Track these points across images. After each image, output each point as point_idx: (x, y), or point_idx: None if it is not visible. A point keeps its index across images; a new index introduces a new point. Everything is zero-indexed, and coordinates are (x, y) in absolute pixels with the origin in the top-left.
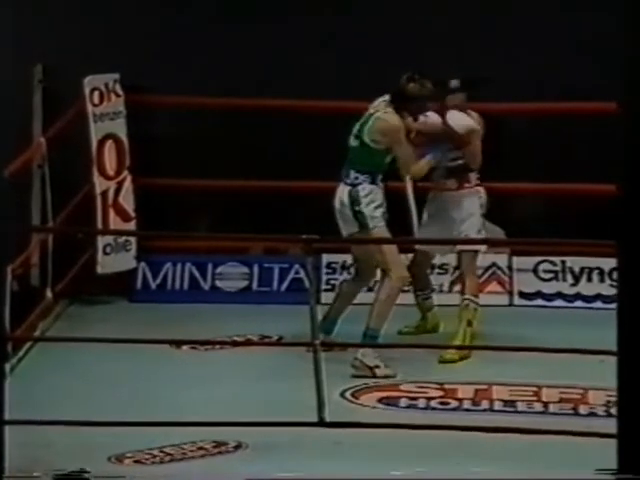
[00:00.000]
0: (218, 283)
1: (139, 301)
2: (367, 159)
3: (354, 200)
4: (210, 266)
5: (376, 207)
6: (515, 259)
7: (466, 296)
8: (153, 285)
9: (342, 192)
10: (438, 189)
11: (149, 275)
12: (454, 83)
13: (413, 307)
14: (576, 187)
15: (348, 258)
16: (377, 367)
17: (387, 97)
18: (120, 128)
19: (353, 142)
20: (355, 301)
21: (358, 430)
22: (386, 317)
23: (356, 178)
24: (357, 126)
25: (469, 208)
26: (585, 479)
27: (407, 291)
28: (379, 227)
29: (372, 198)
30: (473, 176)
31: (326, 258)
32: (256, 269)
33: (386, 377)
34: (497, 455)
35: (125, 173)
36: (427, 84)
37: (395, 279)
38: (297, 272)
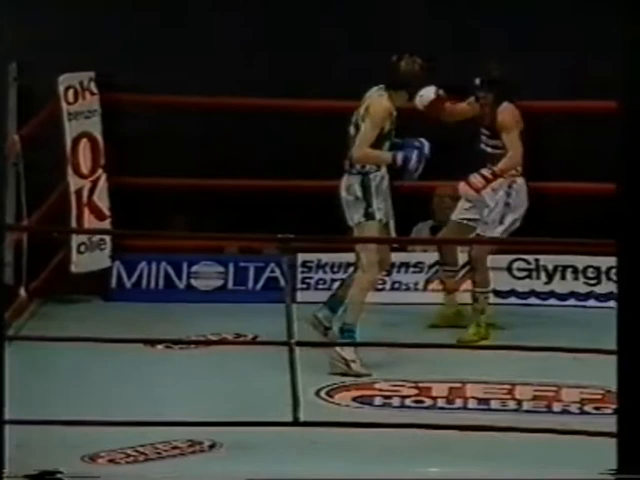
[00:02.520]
0: (193, 282)
1: (114, 300)
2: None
3: (366, 189)
4: (185, 265)
5: (383, 199)
6: (489, 257)
7: (477, 289)
8: (128, 284)
9: (351, 182)
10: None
11: (124, 274)
12: (476, 82)
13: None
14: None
15: (324, 257)
16: (353, 362)
17: (381, 86)
18: (95, 127)
19: (353, 130)
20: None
21: (333, 429)
22: (360, 311)
23: (363, 167)
24: (355, 115)
25: (497, 197)
26: (585, 479)
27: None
28: (378, 219)
29: (382, 190)
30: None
31: (301, 257)
32: (231, 268)
33: (359, 375)
34: (471, 453)
35: (100, 172)
36: (417, 61)
37: (365, 280)
38: (272, 271)
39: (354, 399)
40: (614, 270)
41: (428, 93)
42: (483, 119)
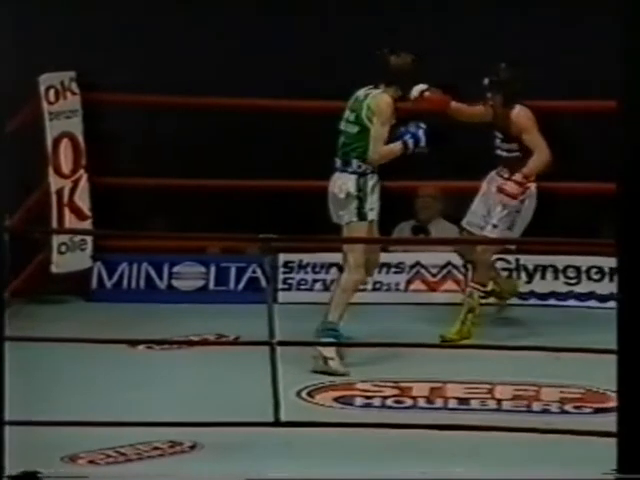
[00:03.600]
0: (175, 282)
1: (95, 300)
2: (368, 144)
3: (361, 189)
4: (166, 265)
5: (376, 200)
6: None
7: (472, 284)
8: (109, 284)
9: (344, 181)
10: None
11: (105, 274)
12: (485, 82)
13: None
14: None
15: (305, 257)
16: (332, 359)
17: (370, 86)
18: (76, 126)
19: (352, 128)
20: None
21: (314, 429)
22: (342, 310)
23: (359, 167)
24: (350, 113)
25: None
26: (585, 479)
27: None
28: (370, 220)
29: (376, 190)
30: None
31: (283, 257)
32: (213, 268)
33: (337, 372)
34: (452, 453)
35: (81, 172)
36: (408, 56)
37: (352, 279)
38: (254, 271)
39: (335, 399)
40: (594, 270)
41: (418, 87)
42: (496, 122)
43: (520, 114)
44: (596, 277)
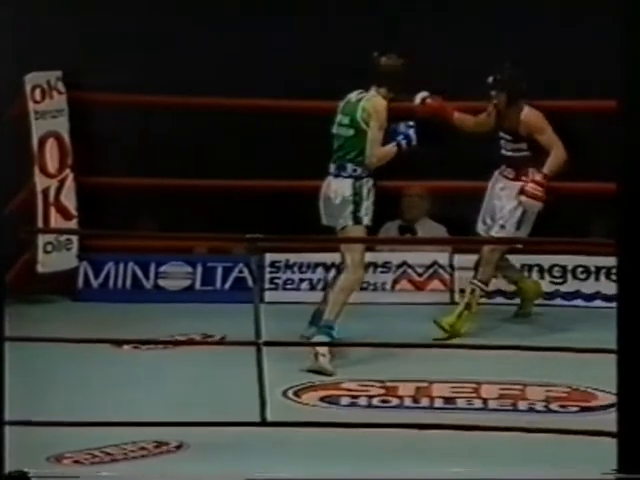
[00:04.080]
0: (161, 282)
1: (81, 300)
2: (364, 147)
3: (357, 193)
4: (153, 265)
5: (371, 204)
6: (456, 257)
7: (474, 281)
8: (95, 284)
9: (340, 185)
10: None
11: (91, 274)
12: (489, 80)
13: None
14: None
15: (292, 257)
16: (323, 355)
17: (361, 90)
18: (62, 126)
19: (346, 132)
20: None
21: (300, 429)
22: (339, 310)
23: (354, 170)
24: (343, 117)
25: (515, 200)
26: (585, 479)
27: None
28: (365, 224)
29: (371, 195)
30: (532, 171)
31: (269, 257)
32: (199, 268)
33: (324, 371)
34: (438, 452)
35: (67, 171)
36: (398, 58)
37: (351, 279)
38: (241, 271)
39: (321, 399)
40: (580, 269)
41: (420, 94)
42: (502, 123)
43: (530, 115)
44: (582, 276)
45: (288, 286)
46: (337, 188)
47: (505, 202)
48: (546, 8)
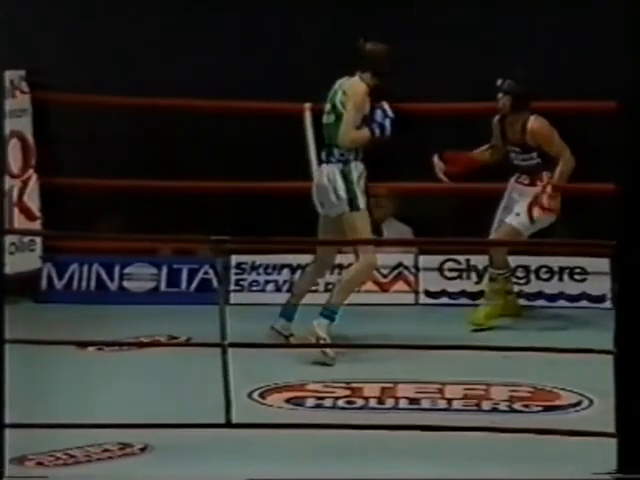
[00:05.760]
0: (126, 284)
1: (44, 302)
2: None
3: (347, 178)
4: (117, 267)
5: (364, 186)
6: (421, 258)
7: (491, 269)
8: (59, 285)
9: (330, 172)
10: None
11: (54, 275)
12: (497, 83)
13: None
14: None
15: (257, 258)
16: (324, 340)
17: (346, 77)
18: (26, 126)
19: (329, 119)
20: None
21: (266, 431)
22: (346, 297)
23: (342, 155)
24: (328, 104)
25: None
26: (585, 479)
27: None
28: (363, 208)
29: (361, 177)
30: (546, 174)
31: (235, 259)
32: (165, 270)
33: (326, 356)
34: (403, 453)
35: (30, 172)
36: (383, 45)
37: (364, 263)
38: (206, 273)
39: (287, 401)
40: (544, 269)
41: (434, 158)
42: (510, 138)
43: (535, 126)
44: (545, 276)
45: (254, 288)
46: (328, 172)
47: (522, 201)
48: (546, 8)
